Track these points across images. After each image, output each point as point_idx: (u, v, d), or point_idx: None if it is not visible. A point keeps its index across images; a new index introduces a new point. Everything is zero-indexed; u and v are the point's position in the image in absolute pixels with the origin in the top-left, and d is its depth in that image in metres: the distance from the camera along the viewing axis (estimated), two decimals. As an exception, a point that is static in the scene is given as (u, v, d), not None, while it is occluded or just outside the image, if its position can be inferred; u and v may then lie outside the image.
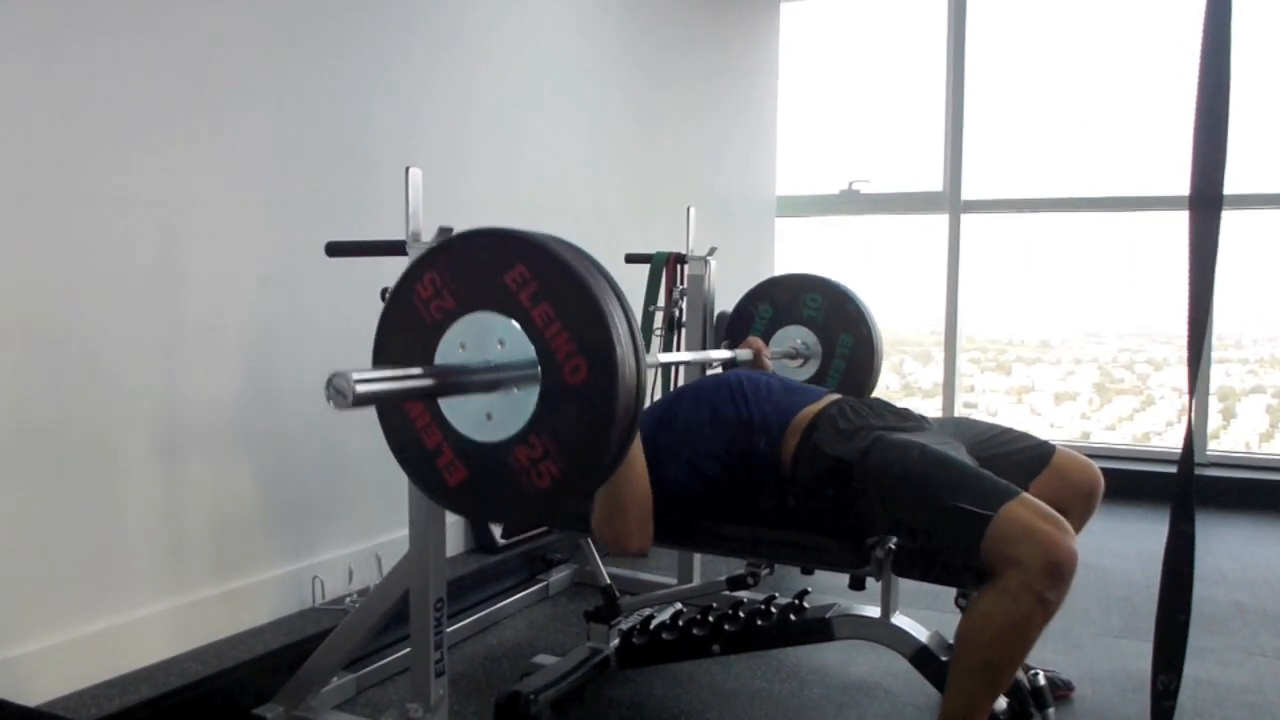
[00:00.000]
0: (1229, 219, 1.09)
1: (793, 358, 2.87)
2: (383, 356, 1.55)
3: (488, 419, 1.46)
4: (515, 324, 1.41)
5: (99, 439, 1.95)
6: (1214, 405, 4.84)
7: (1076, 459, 2.05)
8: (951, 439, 1.97)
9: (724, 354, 2.62)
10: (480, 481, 1.49)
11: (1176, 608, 1.03)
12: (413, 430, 1.53)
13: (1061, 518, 1.61)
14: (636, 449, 1.80)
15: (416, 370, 1.40)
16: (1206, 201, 1.09)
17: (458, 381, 1.43)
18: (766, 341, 2.77)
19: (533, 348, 1.41)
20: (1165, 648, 1.07)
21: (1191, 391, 1.08)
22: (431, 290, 1.49)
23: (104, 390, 1.95)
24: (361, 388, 1.22)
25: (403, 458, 1.56)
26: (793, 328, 2.88)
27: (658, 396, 2.85)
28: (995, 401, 5.73)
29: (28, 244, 1.81)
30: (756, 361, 2.62)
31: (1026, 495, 1.65)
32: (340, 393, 1.20)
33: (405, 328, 1.52)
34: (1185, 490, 1.02)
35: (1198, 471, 4.56)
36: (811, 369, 2.87)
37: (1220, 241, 1.09)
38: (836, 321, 2.83)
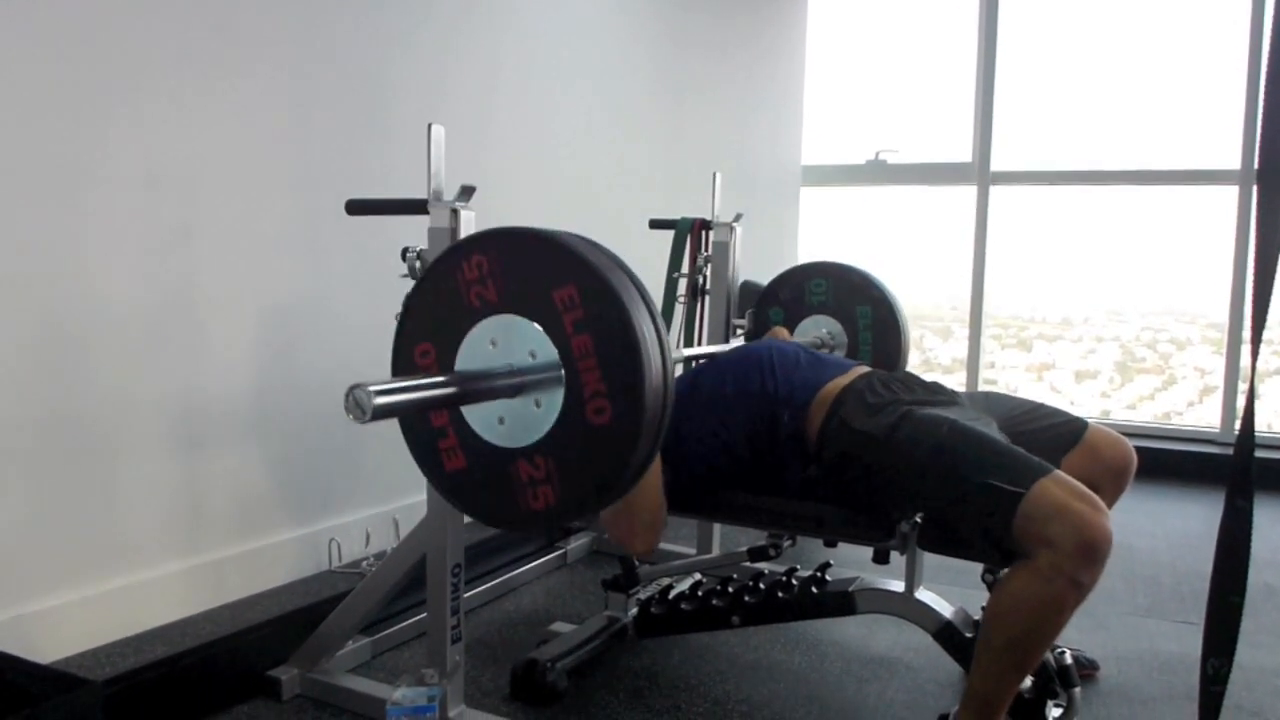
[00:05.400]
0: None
1: (819, 348, 2.80)
2: (410, 321, 1.51)
3: (500, 422, 1.42)
4: (551, 344, 1.36)
5: (117, 401, 1.93)
6: (1239, 387, 4.78)
7: (1109, 435, 2.00)
8: (983, 414, 1.92)
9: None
10: (476, 477, 1.46)
11: (1230, 589, 0.98)
12: None
13: (1096, 496, 1.57)
14: (654, 464, 1.75)
15: (439, 379, 1.34)
16: (1276, 173, 1.03)
17: (479, 389, 1.37)
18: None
19: (563, 373, 1.35)
20: (1217, 630, 1.02)
21: (1254, 362, 1.03)
22: (477, 274, 1.43)
23: (123, 358, 1.93)
24: (380, 399, 1.15)
25: (405, 424, 1.53)
26: (809, 320, 2.83)
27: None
28: (1015, 378, 5.67)
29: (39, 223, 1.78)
30: None
31: (1060, 473, 1.61)
32: (359, 406, 1.14)
33: (441, 301, 1.47)
34: (1245, 464, 0.97)
35: (1222, 451, 4.52)
36: (840, 355, 2.80)
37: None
38: (848, 297, 2.78)
